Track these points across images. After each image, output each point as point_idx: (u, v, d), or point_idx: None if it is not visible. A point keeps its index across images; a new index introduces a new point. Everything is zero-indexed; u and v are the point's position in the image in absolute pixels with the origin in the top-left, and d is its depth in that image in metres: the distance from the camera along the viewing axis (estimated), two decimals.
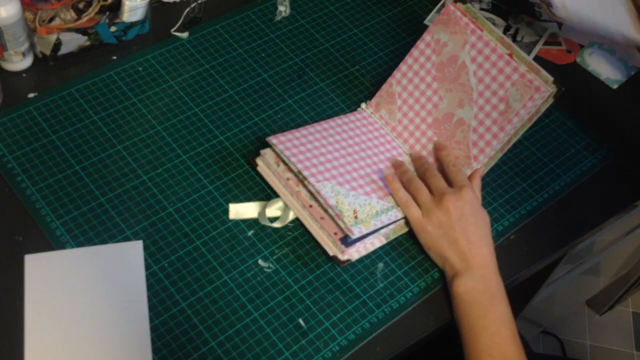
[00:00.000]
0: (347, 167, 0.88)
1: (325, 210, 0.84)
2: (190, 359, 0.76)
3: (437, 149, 0.92)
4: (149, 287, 0.80)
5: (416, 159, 0.93)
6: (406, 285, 0.85)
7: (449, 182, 0.87)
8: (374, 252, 0.87)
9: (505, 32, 1.13)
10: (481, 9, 1.16)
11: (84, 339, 0.76)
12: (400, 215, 0.87)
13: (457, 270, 0.82)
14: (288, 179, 0.86)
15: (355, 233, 0.82)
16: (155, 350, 0.76)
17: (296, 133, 0.89)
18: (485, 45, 0.91)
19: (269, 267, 0.84)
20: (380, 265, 0.86)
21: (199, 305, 0.80)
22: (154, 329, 0.78)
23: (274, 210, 0.88)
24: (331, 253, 0.84)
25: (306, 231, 0.87)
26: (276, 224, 0.87)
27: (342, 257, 0.83)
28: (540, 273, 1.04)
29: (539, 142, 1.01)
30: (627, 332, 1.84)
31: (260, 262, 0.84)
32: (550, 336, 1.79)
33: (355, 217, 0.83)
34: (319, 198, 0.84)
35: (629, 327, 1.85)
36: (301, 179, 0.85)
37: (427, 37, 0.94)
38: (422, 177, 0.89)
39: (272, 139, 0.87)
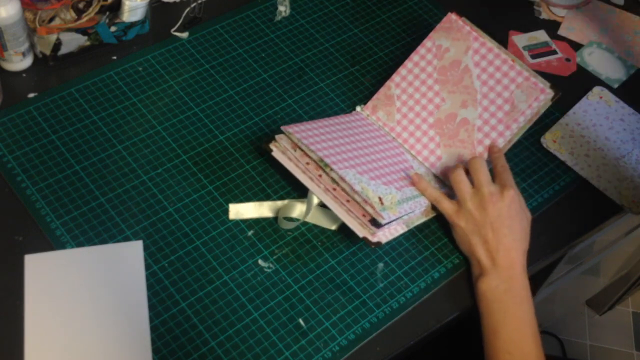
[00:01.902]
0: (362, 159, 0.88)
1: (351, 195, 0.83)
2: (190, 359, 0.76)
3: (491, 151, 0.91)
4: (149, 287, 0.80)
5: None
6: (406, 285, 0.85)
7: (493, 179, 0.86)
8: (374, 251, 0.87)
9: None
10: None
11: (84, 339, 0.76)
12: (419, 206, 0.88)
13: (483, 268, 0.83)
14: (308, 163, 0.85)
15: (385, 218, 0.81)
16: (155, 350, 0.76)
17: (307, 125, 0.89)
18: (488, 51, 0.93)
19: (269, 267, 0.84)
20: (380, 265, 0.86)
21: (199, 305, 0.80)
22: (154, 329, 0.78)
23: (291, 213, 0.87)
24: (361, 235, 0.82)
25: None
26: (302, 219, 0.86)
27: (373, 238, 0.82)
28: (540, 273, 1.04)
29: (539, 142, 1.01)
30: (627, 332, 1.84)
31: (260, 262, 0.84)
32: (550, 336, 1.79)
33: (382, 203, 0.82)
34: (344, 185, 0.82)
35: (629, 327, 1.85)
36: (322, 167, 0.84)
37: (428, 43, 0.96)
38: (468, 164, 0.87)
39: (288, 128, 0.86)
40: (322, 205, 0.86)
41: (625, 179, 0.98)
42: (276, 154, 0.88)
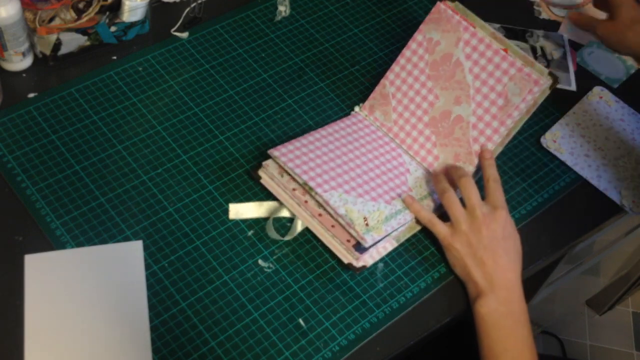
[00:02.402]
0: (351, 174, 0.88)
1: (336, 219, 0.83)
2: (190, 359, 0.76)
3: (482, 157, 0.89)
4: (149, 287, 0.80)
5: (452, 166, 0.91)
6: (406, 285, 0.85)
7: (483, 196, 0.86)
8: None
9: (534, 53, 1.11)
10: None
11: (84, 339, 0.76)
12: (409, 217, 0.87)
13: (480, 290, 0.81)
14: (294, 189, 0.85)
15: (369, 241, 0.81)
16: (155, 350, 0.76)
17: (296, 143, 0.89)
18: (479, 42, 0.91)
19: (269, 267, 0.84)
20: (380, 265, 0.86)
21: (199, 305, 0.80)
22: (154, 329, 0.78)
23: (280, 215, 0.87)
24: (346, 261, 0.83)
25: (316, 240, 0.88)
26: (287, 237, 0.86)
27: (358, 263, 0.83)
28: (540, 273, 1.04)
29: (538, 142, 1.01)
30: (627, 332, 1.84)
31: (260, 262, 0.84)
32: (550, 336, 1.79)
33: (366, 224, 0.82)
34: (328, 208, 0.83)
35: (629, 327, 1.85)
36: (307, 190, 0.84)
37: (418, 36, 0.94)
38: (457, 183, 0.87)
39: (274, 152, 0.86)
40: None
41: (625, 179, 0.98)
42: (264, 181, 0.88)
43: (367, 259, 0.84)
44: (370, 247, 0.83)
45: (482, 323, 0.80)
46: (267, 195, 0.90)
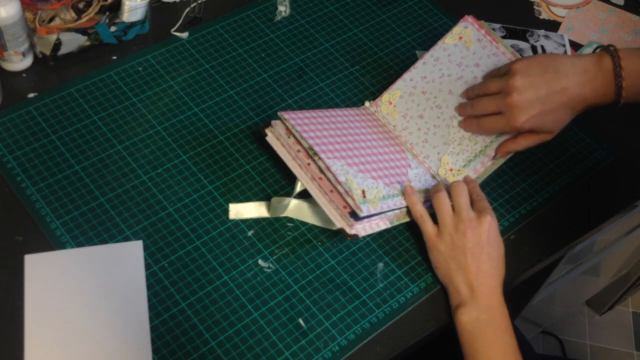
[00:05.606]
0: (355, 152, 0.88)
1: (335, 186, 0.83)
2: (190, 359, 0.76)
3: (466, 182, 0.89)
4: (149, 287, 0.80)
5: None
6: (406, 285, 0.85)
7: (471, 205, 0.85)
8: (374, 251, 0.87)
9: (535, 53, 1.12)
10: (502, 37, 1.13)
11: (84, 339, 0.76)
12: (405, 203, 0.88)
13: (462, 298, 0.81)
14: (299, 150, 0.86)
15: (364, 210, 0.81)
16: (155, 350, 0.76)
17: (306, 113, 0.89)
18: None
19: (269, 267, 0.84)
20: (380, 265, 0.86)
21: (199, 305, 0.80)
22: (154, 329, 0.78)
23: (280, 208, 0.88)
24: (339, 225, 0.83)
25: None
26: (284, 202, 0.87)
27: (350, 230, 0.82)
28: (540, 273, 1.04)
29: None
30: (627, 332, 1.85)
31: (260, 262, 0.84)
32: (550, 336, 1.79)
33: (364, 196, 0.82)
34: (329, 174, 0.83)
35: (629, 327, 1.86)
36: (311, 155, 0.84)
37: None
38: (449, 187, 0.87)
39: (284, 114, 0.86)
40: (308, 195, 0.86)
41: (453, 141, 0.93)
42: (270, 139, 0.89)
43: (360, 230, 0.83)
44: (365, 217, 0.82)
45: (464, 332, 0.80)
46: (267, 196, 0.90)
